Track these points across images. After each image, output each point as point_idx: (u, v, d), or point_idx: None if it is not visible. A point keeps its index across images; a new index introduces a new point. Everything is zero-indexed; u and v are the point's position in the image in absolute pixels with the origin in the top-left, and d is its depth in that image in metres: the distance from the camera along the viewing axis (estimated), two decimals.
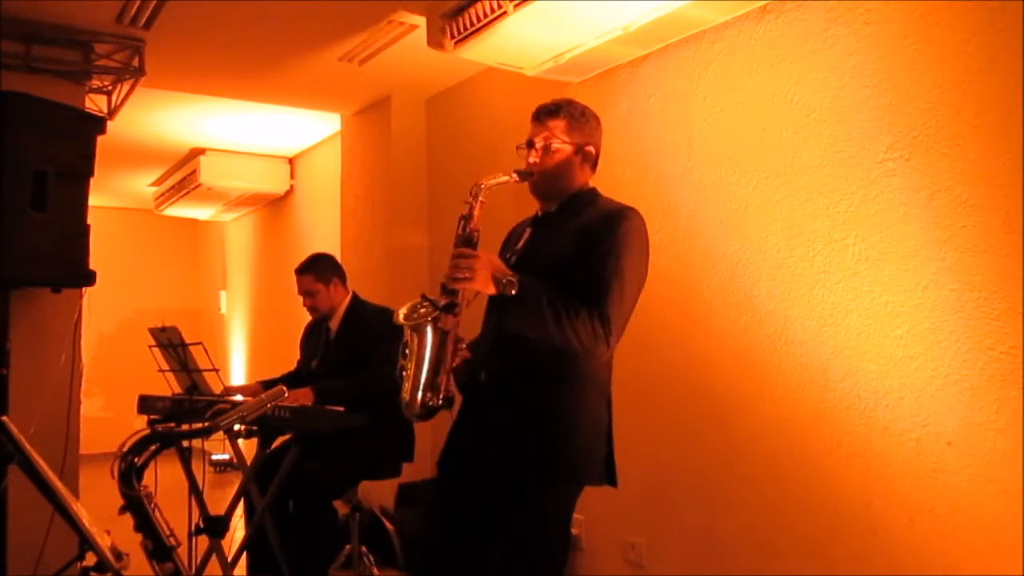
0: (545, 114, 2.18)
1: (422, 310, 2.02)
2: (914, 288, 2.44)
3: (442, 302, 1.99)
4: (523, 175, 2.16)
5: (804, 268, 2.78)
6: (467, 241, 2.06)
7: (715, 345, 3.09)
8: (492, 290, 1.97)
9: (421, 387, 2.00)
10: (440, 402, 2.03)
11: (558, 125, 2.15)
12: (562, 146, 2.15)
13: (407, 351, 2.03)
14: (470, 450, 2.13)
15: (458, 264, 1.97)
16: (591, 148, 2.20)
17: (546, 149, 2.15)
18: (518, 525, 2.04)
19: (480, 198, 2.10)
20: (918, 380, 2.43)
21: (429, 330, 2.00)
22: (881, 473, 2.52)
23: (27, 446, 1.76)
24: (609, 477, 2.12)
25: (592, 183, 2.26)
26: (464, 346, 2.12)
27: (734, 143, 3.04)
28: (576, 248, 2.05)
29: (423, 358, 2.00)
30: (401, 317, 2.02)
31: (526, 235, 2.26)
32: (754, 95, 2.96)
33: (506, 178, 2.13)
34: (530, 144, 2.19)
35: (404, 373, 2.03)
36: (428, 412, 2.03)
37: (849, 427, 2.62)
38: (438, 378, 2.02)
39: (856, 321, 2.61)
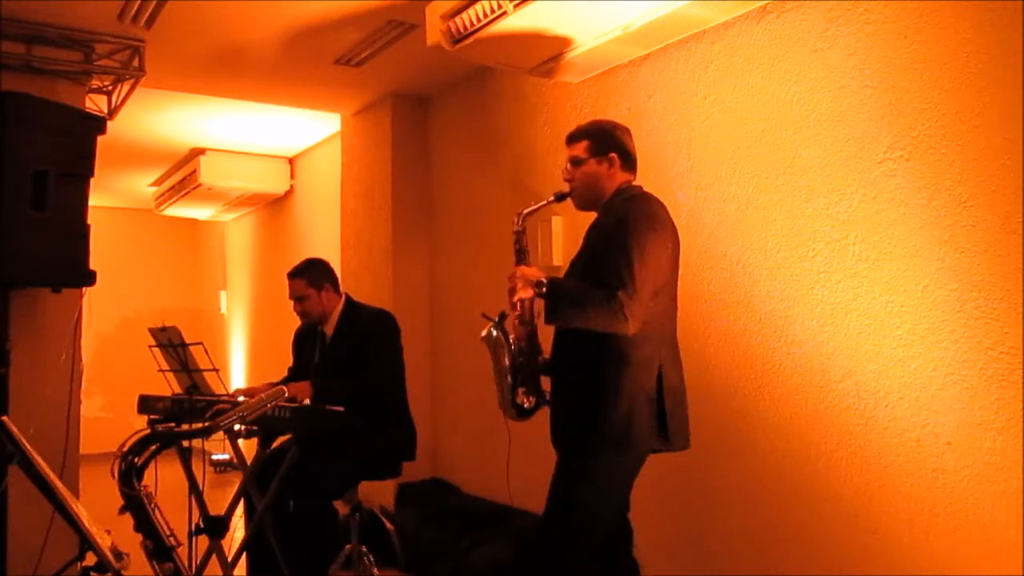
0: (571, 140, 2.53)
1: (490, 328, 2.41)
2: (914, 288, 2.44)
3: (495, 319, 2.41)
4: (559, 195, 2.51)
5: (804, 268, 2.78)
6: (519, 256, 2.48)
7: (715, 345, 3.09)
8: (531, 293, 2.35)
9: (510, 391, 2.38)
10: (535, 402, 2.40)
11: (581, 144, 2.48)
12: (586, 158, 2.47)
13: (496, 368, 2.43)
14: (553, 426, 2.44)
15: (508, 282, 2.40)
16: (613, 153, 2.47)
17: (575, 163, 2.49)
18: (553, 491, 2.35)
19: (524, 223, 2.53)
20: (918, 380, 2.44)
21: (499, 344, 2.39)
22: (881, 473, 2.52)
23: (27, 446, 1.76)
24: (663, 440, 2.33)
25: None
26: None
27: (734, 143, 3.04)
28: (600, 244, 2.36)
29: (503, 367, 2.40)
30: (482, 340, 2.43)
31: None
32: (754, 95, 2.96)
33: (544, 202, 2.54)
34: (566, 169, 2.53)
35: (497, 384, 2.43)
36: (522, 412, 2.41)
37: (849, 427, 2.62)
38: (529, 383, 2.41)
39: (856, 321, 2.61)
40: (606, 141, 2.48)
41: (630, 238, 2.28)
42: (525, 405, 2.39)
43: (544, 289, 2.31)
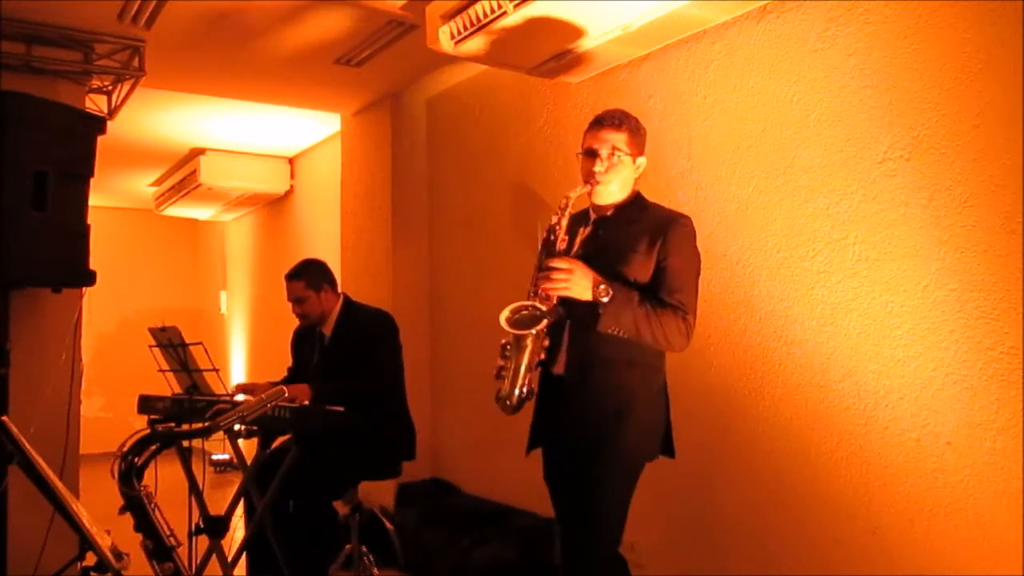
0: (610, 125, 2.33)
1: (525, 313, 2.20)
2: (914, 288, 2.44)
3: (544, 308, 2.18)
4: (589, 183, 2.33)
5: (804, 268, 2.78)
6: (557, 251, 2.28)
7: (715, 345, 3.09)
8: (588, 297, 2.17)
9: (518, 385, 2.24)
10: (528, 394, 2.27)
11: (621, 137, 2.33)
12: (625, 158, 2.33)
13: (507, 352, 2.24)
14: (558, 435, 2.36)
15: (553, 275, 2.18)
16: (643, 157, 2.40)
17: (611, 159, 2.31)
18: (593, 499, 2.26)
19: (568, 208, 2.30)
20: (918, 380, 2.44)
21: (530, 337, 2.20)
22: (881, 473, 2.52)
23: (27, 446, 1.76)
24: (666, 450, 2.37)
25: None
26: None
27: (734, 143, 3.04)
28: (646, 250, 2.27)
29: (522, 361, 2.22)
30: (505, 322, 2.18)
31: (585, 233, 2.40)
32: (754, 95, 2.96)
33: (583, 189, 2.33)
34: (592, 153, 2.33)
35: (503, 373, 2.24)
36: (520, 405, 2.28)
37: (849, 427, 2.62)
38: (530, 374, 2.26)
39: (856, 321, 2.61)
40: (643, 144, 2.40)
41: (689, 260, 2.31)
42: (524, 397, 2.27)
43: (607, 297, 2.16)
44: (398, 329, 3.55)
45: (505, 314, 2.19)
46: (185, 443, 3.32)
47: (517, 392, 2.23)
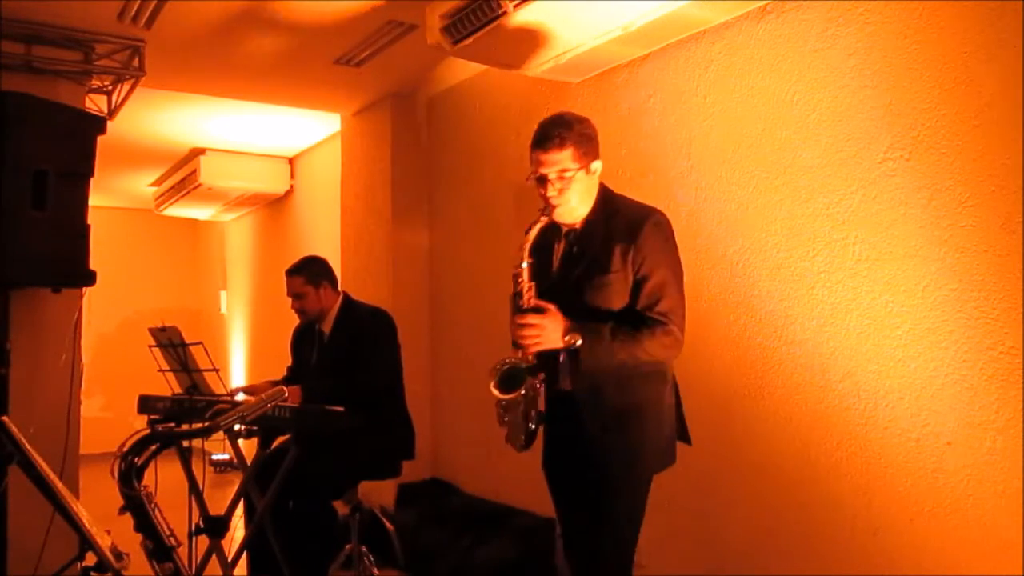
0: (552, 145, 2.21)
1: (507, 368, 2.20)
2: (914, 288, 2.44)
3: (525, 364, 2.20)
4: (547, 212, 2.24)
5: (804, 268, 2.78)
6: (525, 308, 2.22)
7: (715, 345, 3.09)
8: (561, 346, 2.14)
9: (523, 430, 2.26)
10: (535, 428, 2.27)
11: (566, 156, 2.21)
12: (576, 173, 2.22)
13: (503, 407, 2.27)
14: (570, 451, 2.31)
15: (525, 331, 2.15)
16: (598, 161, 2.28)
17: (563, 181, 2.21)
18: (611, 512, 2.24)
19: (526, 255, 2.23)
20: (918, 380, 2.43)
21: (530, 399, 2.23)
22: (881, 473, 2.52)
23: (27, 446, 1.76)
24: (683, 437, 2.37)
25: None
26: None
27: (734, 143, 3.04)
28: (620, 262, 2.19)
29: (518, 412, 2.25)
30: (495, 390, 2.21)
31: (559, 251, 2.34)
32: (754, 95, 2.96)
33: (539, 224, 2.23)
34: (542, 179, 2.23)
35: (505, 422, 2.28)
36: (530, 442, 2.28)
37: (849, 427, 2.62)
38: (533, 411, 2.26)
39: (856, 321, 2.61)
40: (593, 147, 2.26)
41: (662, 260, 2.20)
42: (533, 431, 2.28)
43: (576, 341, 2.12)
44: (396, 328, 3.55)
45: (492, 381, 2.20)
46: (185, 443, 3.32)
47: (524, 436, 2.26)
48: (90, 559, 1.76)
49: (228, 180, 6.53)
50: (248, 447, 3.44)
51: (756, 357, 2.93)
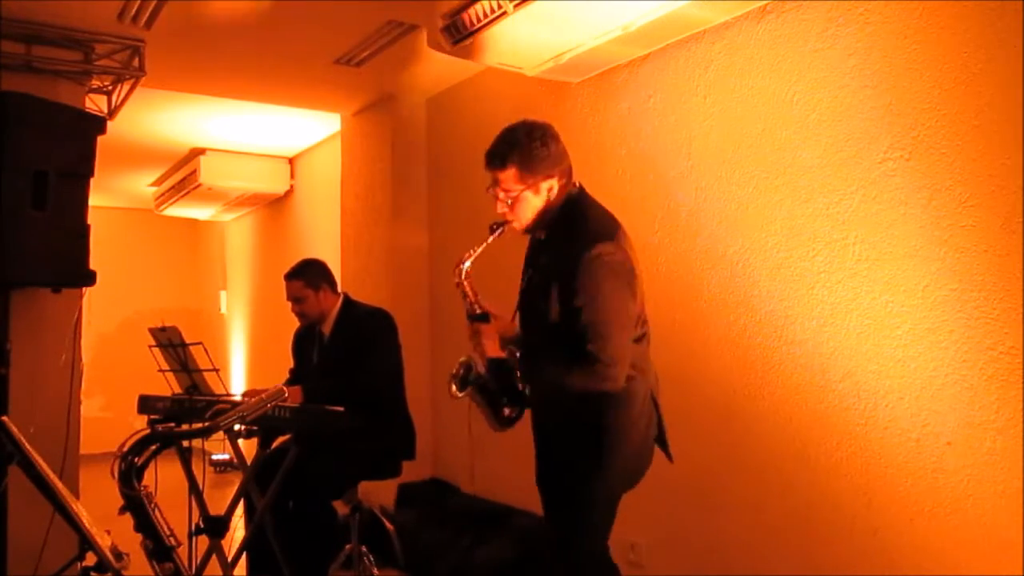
0: (494, 165, 2.19)
1: (460, 370, 2.33)
2: (914, 288, 2.44)
3: (471, 363, 2.32)
4: (497, 228, 2.27)
5: (804, 268, 2.78)
6: (472, 315, 2.33)
7: (715, 345, 3.09)
8: (502, 355, 2.23)
9: (494, 415, 2.31)
10: (519, 410, 2.30)
11: (509, 175, 2.17)
12: (523, 194, 2.18)
13: (471, 397, 2.37)
14: (541, 455, 2.36)
15: (469, 336, 2.30)
16: (551, 180, 2.20)
17: (507, 199, 2.21)
18: (567, 527, 2.25)
19: (465, 276, 2.30)
20: (918, 380, 2.43)
21: (478, 397, 2.33)
22: (881, 473, 2.52)
23: (27, 446, 1.76)
24: (633, 481, 2.31)
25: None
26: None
27: (734, 143, 3.04)
28: (557, 298, 2.14)
29: (483, 406, 2.35)
30: (455, 392, 2.37)
31: (528, 253, 2.40)
32: (754, 95, 2.96)
33: (491, 238, 2.26)
34: (494, 192, 2.25)
35: (480, 409, 2.38)
36: (510, 423, 2.32)
37: (849, 427, 2.62)
38: (505, 396, 2.28)
39: (856, 321, 2.61)
40: (544, 164, 2.17)
41: (602, 299, 2.08)
42: (511, 416, 2.32)
43: (515, 359, 2.23)
44: (397, 328, 3.55)
45: (452, 386, 2.35)
46: (185, 443, 3.32)
47: (499, 419, 2.31)
48: (90, 559, 1.76)
49: (228, 180, 6.53)
50: (248, 447, 3.44)
51: (756, 357, 2.93)
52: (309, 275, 3.53)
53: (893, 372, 2.50)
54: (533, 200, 2.20)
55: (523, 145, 2.18)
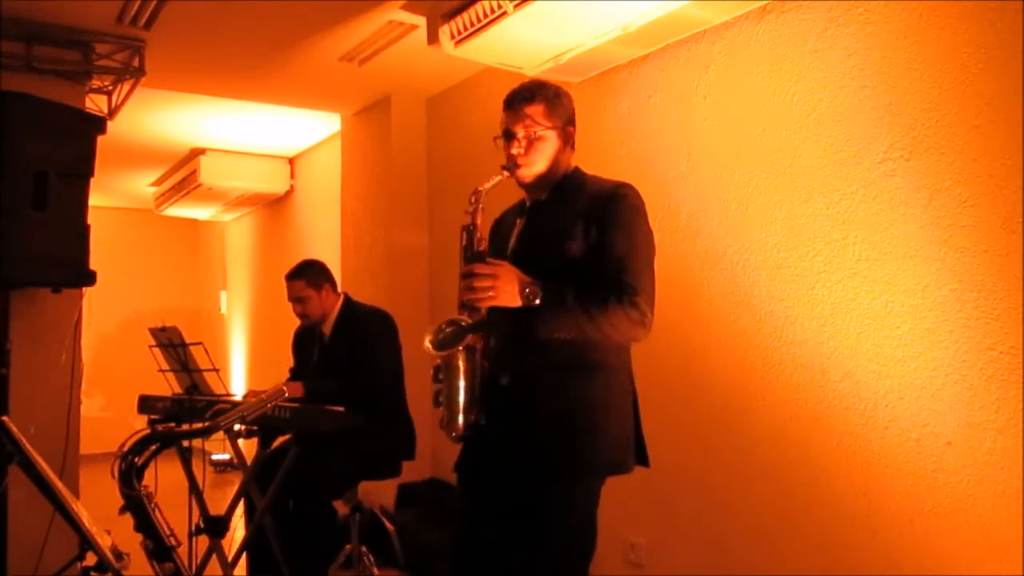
0: (521, 100, 2.08)
1: (448, 331, 1.94)
2: (914, 288, 2.44)
3: (468, 322, 1.92)
4: (510, 168, 2.07)
5: (804, 268, 2.78)
6: (477, 255, 2.02)
7: (715, 345, 3.09)
8: (519, 303, 1.90)
9: (462, 411, 1.95)
10: (478, 419, 1.98)
11: (536, 111, 2.06)
12: (546, 132, 2.07)
13: (440, 376, 1.97)
14: (500, 454, 2.02)
15: (477, 283, 1.91)
16: (571, 128, 2.14)
17: (529, 138, 2.06)
18: (549, 526, 1.97)
19: (480, 204, 2.08)
20: (918, 380, 2.44)
21: (460, 354, 1.94)
22: (881, 473, 2.52)
23: (27, 446, 1.76)
24: (640, 459, 2.10)
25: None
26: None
27: (734, 143, 3.04)
28: (583, 234, 2.00)
29: (458, 384, 1.95)
30: (429, 344, 1.94)
31: (519, 225, 2.17)
32: (754, 95, 2.96)
33: (499, 178, 2.07)
34: (509, 135, 2.09)
35: (440, 398, 1.97)
36: (469, 431, 1.98)
37: (849, 427, 2.62)
38: (476, 395, 1.97)
39: (856, 321, 2.61)
40: (567, 112, 2.11)
41: (636, 235, 2.01)
42: (474, 422, 1.97)
43: (539, 300, 1.90)
44: (397, 328, 3.55)
45: (429, 337, 1.93)
46: (185, 443, 3.33)
47: (461, 419, 1.95)
48: (90, 559, 1.76)
49: (228, 180, 6.53)
50: (248, 447, 3.45)
51: (756, 357, 2.93)
52: (311, 275, 3.54)
53: (893, 372, 2.50)
54: (553, 144, 2.08)
55: (548, 88, 2.11)
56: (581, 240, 1.99)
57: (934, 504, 2.39)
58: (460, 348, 1.93)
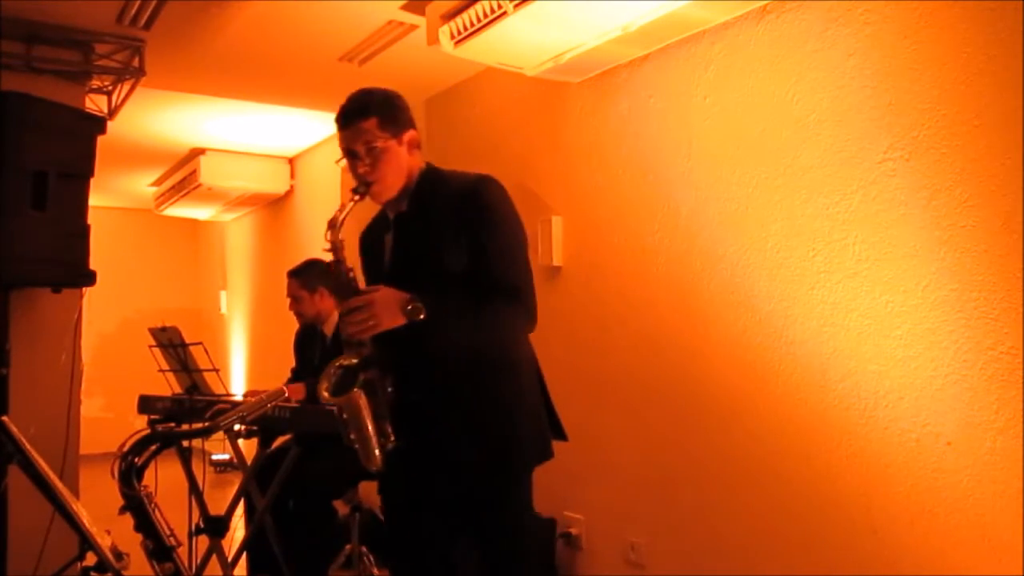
0: (354, 116, 2.04)
1: (338, 375, 1.94)
2: (914, 288, 2.44)
3: (354, 361, 1.93)
4: (360, 190, 2.04)
5: (804, 268, 2.78)
6: (349, 288, 1.97)
7: (715, 345, 3.09)
8: (402, 321, 1.89)
9: (376, 445, 1.93)
10: (400, 441, 1.97)
11: (372, 124, 2.03)
12: (387, 144, 2.04)
13: (344, 416, 1.93)
14: (425, 468, 2.02)
15: (354, 317, 1.90)
16: (413, 130, 2.11)
17: (373, 154, 2.03)
18: (496, 526, 2.01)
19: (340, 236, 2.03)
20: (918, 380, 2.43)
21: (359, 394, 1.92)
22: (881, 473, 2.52)
23: (27, 446, 1.76)
24: (557, 434, 2.11)
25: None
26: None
27: (734, 143, 3.04)
28: (453, 238, 1.99)
29: (365, 422, 1.92)
30: (328, 396, 1.92)
31: (388, 242, 2.16)
32: (754, 95, 2.96)
33: (352, 204, 2.03)
34: (352, 155, 2.05)
35: (354, 441, 1.93)
36: (390, 457, 1.96)
37: (849, 427, 2.62)
38: (384, 424, 1.95)
39: (856, 321, 2.61)
40: (403, 118, 2.09)
41: (504, 227, 2.02)
42: (389, 449, 1.95)
43: (423, 315, 1.87)
44: None
45: (325, 390, 1.92)
46: (185, 443, 3.32)
47: (378, 452, 1.93)
48: (90, 559, 1.76)
49: (228, 180, 6.53)
50: (248, 447, 3.45)
51: (756, 357, 2.93)
52: (306, 276, 3.55)
53: (893, 372, 2.50)
54: (399, 155, 2.06)
55: (378, 97, 2.07)
56: (452, 245, 1.99)
57: (934, 504, 2.39)
58: (356, 388, 1.91)
